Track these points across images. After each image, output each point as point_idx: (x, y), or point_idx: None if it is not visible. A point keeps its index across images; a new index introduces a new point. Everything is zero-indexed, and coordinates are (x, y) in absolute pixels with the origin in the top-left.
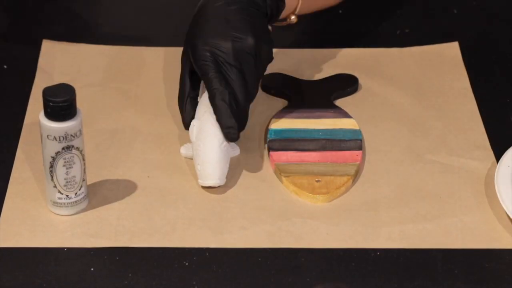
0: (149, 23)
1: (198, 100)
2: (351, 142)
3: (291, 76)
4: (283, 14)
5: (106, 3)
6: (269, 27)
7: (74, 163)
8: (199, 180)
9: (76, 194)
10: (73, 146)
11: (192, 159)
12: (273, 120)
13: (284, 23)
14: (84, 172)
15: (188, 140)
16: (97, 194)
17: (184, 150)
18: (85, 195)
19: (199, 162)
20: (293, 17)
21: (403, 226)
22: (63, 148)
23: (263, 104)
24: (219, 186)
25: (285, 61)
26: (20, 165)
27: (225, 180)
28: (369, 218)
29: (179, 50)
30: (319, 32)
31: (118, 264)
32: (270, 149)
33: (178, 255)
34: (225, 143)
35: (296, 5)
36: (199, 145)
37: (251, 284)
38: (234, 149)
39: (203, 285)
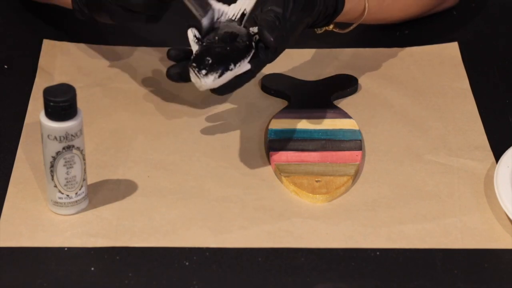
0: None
1: None
2: (351, 142)
3: (291, 76)
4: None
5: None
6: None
7: (74, 163)
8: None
9: (76, 193)
10: (73, 146)
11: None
12: (273, 120)
13: (319, 31)
14: (85, 172)
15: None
16: (98, 194)
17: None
18: (85, 195)
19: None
20: (331, 25)
21: (403, 226)
22: (63, 148)
23: (263, 104)
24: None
25: (285, 61)
26: (21, 165)
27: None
28: (369, 218)
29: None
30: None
31: (118, 264)
32: (270, 149)
33: (178, 255)
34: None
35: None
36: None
37: (251, 284)
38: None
39: (203, 285)
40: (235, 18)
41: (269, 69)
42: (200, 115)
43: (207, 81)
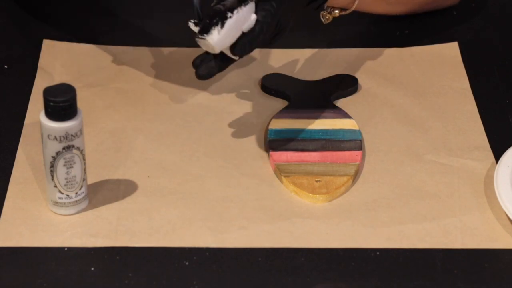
0: (149, 23)
1: None
2: (351, 142)
3: (291, 76)
4: (339, 3)
5: (106, 3)
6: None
7: (74, 163)
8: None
9: (76, 193)
10: (73, 146)
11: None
12: (273, 120)
13: (326, 14)
14: (85, 172)
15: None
16: (98, 194)
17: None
18: (85, 195)
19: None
20: (337, 11)
21: (403, 226)
22: (63, 148)
23: (263, 104)
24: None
25: (285, 61)
26: (21, 165)
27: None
28: (369, 218)
29: (179, 50)
30: (319, 32)
31: (118, 264)
32: (270, 149)
33: (178, 255)
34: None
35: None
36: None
37: (251, 284)
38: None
39: (203, 285)
40: None
41: (269, 69)
42: (200, 115)
43: (213, 37)
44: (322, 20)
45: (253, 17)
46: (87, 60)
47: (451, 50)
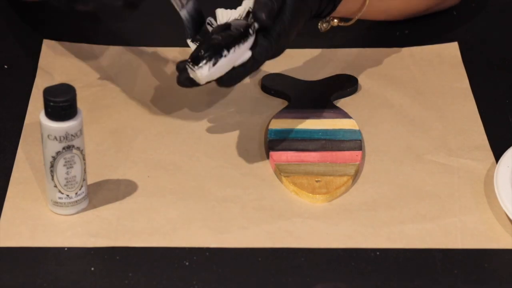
0: (149, 23)
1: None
2: (351, 142)
3: (291, 76)
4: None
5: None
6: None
7: (74, 163)
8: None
9: (76, 193)
10: (73, 146)
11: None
12: (273, 120)
13: (324, 26)
14: (85, 172)
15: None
16: (98, 194)
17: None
18: (85, 195)
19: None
20: (335, 20)
21: (403, 226)
22: (63, 148)
23: (263, 104)
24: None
25: (285, 61)
26: (21, 165)
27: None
28: (369, 218)
29: (179, 50)
30: (319, 32)
31: (118, 264)
32: (270, 149)
33: (178, 255)
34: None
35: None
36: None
37: (251, 284)
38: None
39: (203, 285)
40: (241, 18)
41: (269, 69)
42: (200, 115)
43: (203, 72)
44: (319, 28)
45: (248, 54)
46: (87, 60)
47: (451, 50)
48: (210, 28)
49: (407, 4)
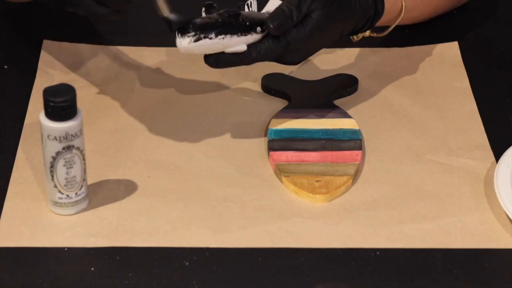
0: (149, 23)
1: None
2: (351, 142)
3: (291, 76)
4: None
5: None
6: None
7: (74, 163)
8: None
9: (76, 194)
10: (73, 146)
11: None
12: (273, 120)
13: (355, 38)
14: (85, 172)
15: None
16: (98, 194)
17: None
18: (85, 195)
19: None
20: (367, 31)
21: (403, 226)
22: (63, 148)
23: (263, 104)
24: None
25: None
26: (21, 165)
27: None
28: (369, 218)
29: (179, 51)
30: None
31: (118, 264)
32: (270, 149)
33: (178, 255)
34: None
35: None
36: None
37: (251, 284)
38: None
39: (203, 285)
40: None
41: (269, 69)
42: (200, 115)
43: (182, 43)
44: (352, 38)
45: (243, 47)
46: (87, 60)
47: (451, 50)
48: (246, 9)
49: (437, 7)
